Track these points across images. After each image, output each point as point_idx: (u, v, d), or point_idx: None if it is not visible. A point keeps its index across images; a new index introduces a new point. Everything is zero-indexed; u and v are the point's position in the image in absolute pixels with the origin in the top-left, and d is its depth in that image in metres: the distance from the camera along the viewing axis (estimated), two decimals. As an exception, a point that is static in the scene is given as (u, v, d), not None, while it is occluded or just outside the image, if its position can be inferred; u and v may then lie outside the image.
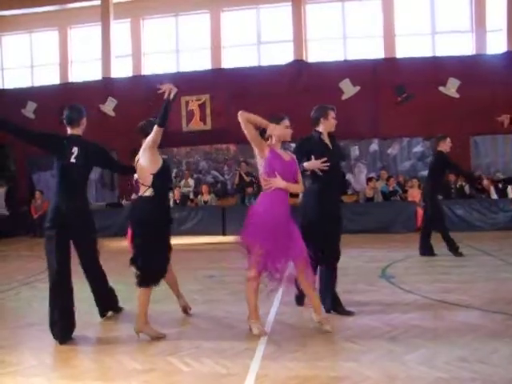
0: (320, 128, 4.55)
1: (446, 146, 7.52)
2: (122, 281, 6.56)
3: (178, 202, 12.47)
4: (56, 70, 15.70)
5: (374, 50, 13.87)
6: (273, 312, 4.63)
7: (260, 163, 4.02)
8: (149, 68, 15.09)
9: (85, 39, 15.61)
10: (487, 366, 3.20)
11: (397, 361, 3.35)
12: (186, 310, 4.71)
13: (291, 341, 3.82)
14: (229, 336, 4.00)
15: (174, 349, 3.71)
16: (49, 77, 15.61)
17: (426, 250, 7.65)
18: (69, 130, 4.35)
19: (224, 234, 11.42)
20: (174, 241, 4.47)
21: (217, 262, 7.68)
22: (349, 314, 4.42)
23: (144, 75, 14.83)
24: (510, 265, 6.80)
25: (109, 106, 14.49)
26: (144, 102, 14.05)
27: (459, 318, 4.29)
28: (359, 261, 7.40)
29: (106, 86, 14.55)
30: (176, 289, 4.69)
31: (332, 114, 4.56)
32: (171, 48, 15.15)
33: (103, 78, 14.68)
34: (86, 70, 15.41)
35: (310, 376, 3.14)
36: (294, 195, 4.78)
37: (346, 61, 13.88)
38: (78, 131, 4.34)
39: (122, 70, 14.99)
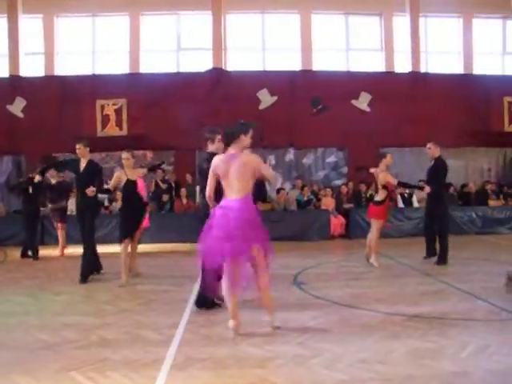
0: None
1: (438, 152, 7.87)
2: (25, 292, 6.23)
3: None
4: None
5: (291, 62, 14.28)
6: (184, 321, 4.59)
7: None
8: (63, 68, 14.40)
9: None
10: (385, 366, 3.40)
11: (302, 365, 3.46)
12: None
13: (201, 350, 3.81)
14: (137, 347, 3.90)
15: (78, 363, 3.54)
16: None
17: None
18: None
19: (139, 242, 11.09)
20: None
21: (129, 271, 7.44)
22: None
23: (57, 76, 14.13)
24: (412, 269, 7.28)
25: (17, 107, 13.64)
26: (56, 103, 13.46)
27: (363, 322, 4.52)
28: (272, 268, 7.44)
29: (14, 85, 13.66)
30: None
31: (218, 137, 4.86)
32: (87, 49, 14.59)
33: (11, 75, 13.77)
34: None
35: (217, 384, 3.15)
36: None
37: (264, 71, 14.14)
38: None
39: (32, 68, 14.17)
